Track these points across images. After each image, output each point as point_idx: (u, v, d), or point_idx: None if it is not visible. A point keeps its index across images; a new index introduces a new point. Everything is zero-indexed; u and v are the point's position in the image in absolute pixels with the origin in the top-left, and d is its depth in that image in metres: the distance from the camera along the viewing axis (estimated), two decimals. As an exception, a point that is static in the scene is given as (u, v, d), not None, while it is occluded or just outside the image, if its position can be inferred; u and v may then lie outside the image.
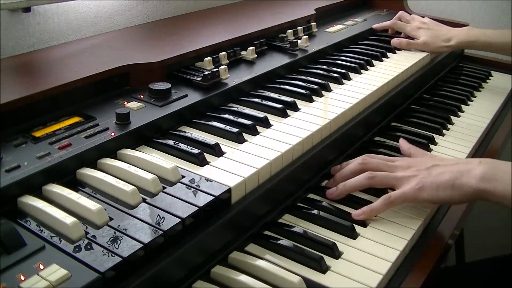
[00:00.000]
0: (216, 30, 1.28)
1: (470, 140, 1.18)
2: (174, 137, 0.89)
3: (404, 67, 1.31)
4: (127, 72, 1.00)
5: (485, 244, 1.76)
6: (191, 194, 0.74)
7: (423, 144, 1.12)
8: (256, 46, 1.21)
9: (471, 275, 1.18)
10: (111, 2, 1.31)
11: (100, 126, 0.84)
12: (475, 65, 1.68)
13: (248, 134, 0.92)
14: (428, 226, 0.90)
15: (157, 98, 0.95)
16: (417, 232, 0.85)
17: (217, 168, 0.81)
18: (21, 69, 0.99)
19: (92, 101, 0.93)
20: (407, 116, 1.27)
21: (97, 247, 0.62)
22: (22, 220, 0.67)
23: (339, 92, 1.13)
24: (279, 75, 1.19)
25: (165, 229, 0.66)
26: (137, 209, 0.70)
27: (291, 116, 1.01)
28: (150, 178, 0.75)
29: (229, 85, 1.05)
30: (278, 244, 0.78)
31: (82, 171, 0.77)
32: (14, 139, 0.78)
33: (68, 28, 1.22)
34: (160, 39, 1.22)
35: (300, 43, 1.29)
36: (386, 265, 0.76)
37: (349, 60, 1.31)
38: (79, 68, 0.97)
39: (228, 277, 0.71)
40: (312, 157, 0.93)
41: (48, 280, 0.56)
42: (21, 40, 1.13)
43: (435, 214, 0.92)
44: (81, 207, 0.68)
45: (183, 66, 1.08)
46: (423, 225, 0.88)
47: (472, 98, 1.44)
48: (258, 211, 0.83)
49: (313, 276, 0.73)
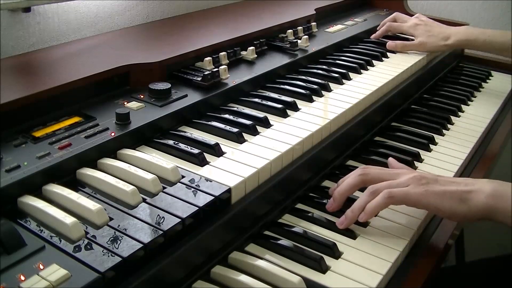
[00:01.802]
0: (216, 30, 1.28)
1: (470, 140, 1.18)
2: (174, 137, 0.89)
3: (404, 67, 1.31)
4: (127, 72, 1.00)
5: (485, 244, 1.75)
6: (191, 194, 0.74)
7: (423, 144, 1.12)
8: (256, 46, 1.21)
9: (471, 275, 1.18)
10: (111, 2, 1.31)
11: (100, 126, 0.84)
12: (475, 65, 1.68)
13: (248, 134, 0.92)
14: (428, 226, 0.90)
15: (157, 98, 0.95)
16: (417, 232, 0.85)
17: (217, 168, 0.81)
18: (21, 69, 0.99)
19: (92, 101, 0.93)
20: (407, 116, 1.27)
21: (97, 247, 0.62)
22: (22, 220, 0.67)
23: (339, 92, 1.13)
24: (279, 75, 1.19)
25: (165, 229, 0.66)
26: (137, 209, 0.70)
27: (291, 116, 1.01)
28: (150, 178, 0.75)
29: (229, 85, 1.05)
30: (278, 244, 0.78)
31: (82, 171, 0.77)
32: (14, 139, 0.78)
33: (68, 28, 1.22)
34: (160, 39, 1.22)
35: (300, 43, 1.29)
36: (386, 265, 0.76)
37: (349, 60, 1.31)
38: (79, 68, 0.97)
39: (228, 277, 0.71)
40: (312, 157, 0.93)
41: (48, 280, 0.56)
42: (21, 40, 1.13)
43: (435, 215, 0.92)
44: (81, 207, 0.68)
45: (183, 66, 1.08)
46: (423, 225, 0.88)
47: (472, 98, 1.44)
48: (258, 211, 0.83)
49: (313, 276, 0.73)
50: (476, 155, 1.16)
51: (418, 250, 0.84)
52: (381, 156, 1.04)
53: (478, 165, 1.12)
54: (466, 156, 1.11)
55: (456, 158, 1.09)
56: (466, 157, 1.10)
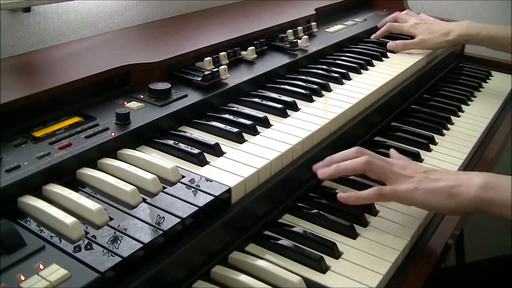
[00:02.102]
0: (216, 30, 1.28)
1: (470, 140, 1.18)
2: (174, 137, 0.89)
3: (404, 67, 1.31)
4: (127, 72, 1.00)
5: (485, 244, 1.75)
6: (191, 194, 0.74)
7: (423, 144, 1.12)
8: (256, 46, 1.21)
9: (471, 275, 1.18)
10: (111, 2, 1.31)
11: (100, 126, 0.84)
12: (475, 65, 1.68)
13: (248, 134, 0.92)
14: (428, 226, 0.90)
15: (157, 98, 0.95)
16: (417, 232, 0.85)
17: (217, 168, 0.81)
18: (21, 69, 0.99)
19: (92, 101, 0.93)
20: (407, 116, 1.27)
21: (97, 247, 0.62)
22: (22, 220, 0.67)
23: (339, 92, 1.13)
24: (279, 75, 1.19)
25: (165, 229, 0.66)
26: (137, 209, 0.70)
27: (291, 116, 1.01)
28: (150, 178, 0.75)
29: (229, 85, 1.05)
30: (278, 244, 0.78)
31: (82, 171, 0.77)
32: (14, 139, 0.78)
33: (68, 28, 1.22)
34: (160, 39, 1.22)
35: (300, 43, 1.29)
36: (386, 265, 0.76)
37: (349, 60, 1.31)
38: (79, 68, 0.97)
39: (228, 277, 0.71)
40: (312, 157, 0.93)
41: (48, 280, 0.56)
42: (21, 40, 1.13)
43: (435, 214, 0.92)
44: (81, 207, 0.68)
45: (183, 66, 1.08)
46: (423, 225, 0.88)
47: (472, 98, 1.44)
48: (258, 211, 0.83)
49: (313, 276, 0.73)
50: (476, 155, 1.16)
51: (418, 250, 0.84)
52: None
53: (478, 165, 1.13)
54: (466, 156, 1.11)
55: (456, 158, 1.09)
56: (466, 157, 1.10)
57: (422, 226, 0.87)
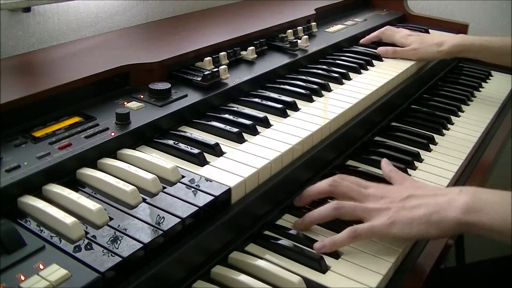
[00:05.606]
0: (216, 30, 1.28)
1: (470, 140, 1.18)
2: (174, 137, 0.89)
3: (404, 67, 1.30)
4: (127, 72, 1.00)
5: (485, 245, 1.75)
6: (191, 194, 0.74)
7: (423, 144, 1.12)
8: (256, 46, 1.21)
9: (471, 276, 1.18)
10: (111, 2, 1.31)
11: (100, 126, 0.84)
12: (475, 65, 1.68)
13: (248, 134, 0.92)
14: (428, 226, 0.90)
15: (157, 98, 0.95)
16: (417, 232, 0.85)
17: (217, 168, 0.81)
18: (21, 69, 0.99)
19: (92, 101, 0.93)
20: (407, 116, 1.27)
21: (97, 247, 0.62)
22: (22, 220, 0.67)
23: (339, 92, 1.13)
24: (279, 75, 1.19)
25: (165, 229, 0.66)
26: (137, 209, 0.70)
27: (291, 116, 1.01)
28: (150, 178, 0.75)
29: (229, 85, 1.05)
30: (278, 244, 0.78)
31: (82, 171, 0.77)
32: (14, 139, 0.78)
33: (68, 28, 1.22)
34: (160, 39, 1.22)
35: (300, 43, 1.29)
36: (386, 265, 0.76)
37: (349, 60, 1.31)
38: (79, 68, 0.97)
39: (228, 277, 0.71)
40: (312, 157, 0.93)
41: (48, 280, 0.56)
42: (21, 40, 1.13)
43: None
44: (81, 207, 0.68)
45: (183, 66, 1.08)
46: (423, 225, 0.88)
47: (472, 98, 1.44)
48: (258, 211, 0.83)
49: (313, 276, 0.73)
50: (476, 155, 1.16)
51: (418, 250, 0.84)
52: (381, 156, 1.03)
53: (478, 165, 1.12)
54: (466, 156, 1.11)
55: (456, 158, 1.09)
56: (466, 157, 1.10)
57: (422, 226, 0.87)
